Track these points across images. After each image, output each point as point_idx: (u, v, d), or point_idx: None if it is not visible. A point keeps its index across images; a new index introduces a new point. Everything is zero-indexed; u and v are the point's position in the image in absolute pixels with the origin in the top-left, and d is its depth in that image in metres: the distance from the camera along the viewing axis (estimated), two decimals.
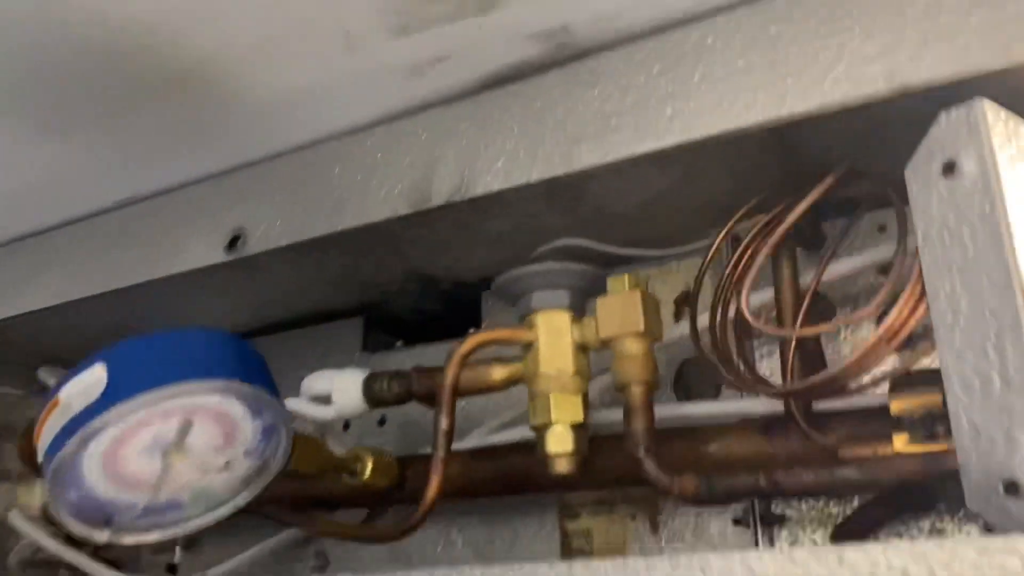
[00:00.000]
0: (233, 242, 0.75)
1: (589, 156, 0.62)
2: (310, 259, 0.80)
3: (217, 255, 0.75)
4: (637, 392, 0.62)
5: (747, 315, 0.55)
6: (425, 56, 0.70)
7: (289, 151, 0.77)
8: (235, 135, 0.78)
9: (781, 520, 0.70)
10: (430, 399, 0.72)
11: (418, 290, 0.93)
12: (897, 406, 0.56)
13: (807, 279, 0.65)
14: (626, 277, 0.64)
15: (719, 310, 0.65)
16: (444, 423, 0.64)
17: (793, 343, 0.62)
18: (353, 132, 0.74)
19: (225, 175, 0.80)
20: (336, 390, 0.75)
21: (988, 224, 0.47)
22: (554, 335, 0.66)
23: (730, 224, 0.66)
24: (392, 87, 0.73)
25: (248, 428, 0.60)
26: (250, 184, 0.77)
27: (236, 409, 0.59)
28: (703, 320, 0.66)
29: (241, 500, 0.64)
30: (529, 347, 0.66)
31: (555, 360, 0.65)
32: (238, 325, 1.02)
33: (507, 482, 0.75)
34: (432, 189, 0.67)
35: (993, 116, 0.49)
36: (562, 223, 0.73)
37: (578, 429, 0.64)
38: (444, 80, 0.72)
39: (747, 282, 0.55)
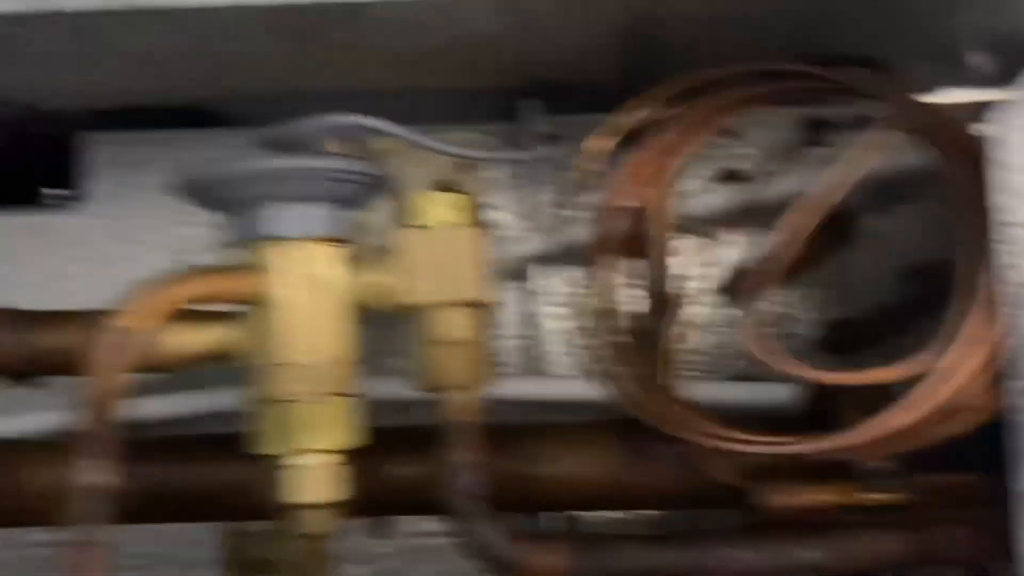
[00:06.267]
0: None
1: None
2: None
3: None
4: (456, 399, 0.37)
5: None
6: None
7: None
8: None
9: None
10: None
11: None
12: None
13: None
14: (452, 196, 0.36)
15: None
16: None
17: None
18: None
19: None
20: None
21: None
22: (310, 291, 0.36)
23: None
24: None
25: None
26: None
27: None
28: None
29: None
30: (256, 304, 0.36)
31: (311, 335, 0.36)
32: None
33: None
34: None
35: None
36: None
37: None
38: None
39: None
